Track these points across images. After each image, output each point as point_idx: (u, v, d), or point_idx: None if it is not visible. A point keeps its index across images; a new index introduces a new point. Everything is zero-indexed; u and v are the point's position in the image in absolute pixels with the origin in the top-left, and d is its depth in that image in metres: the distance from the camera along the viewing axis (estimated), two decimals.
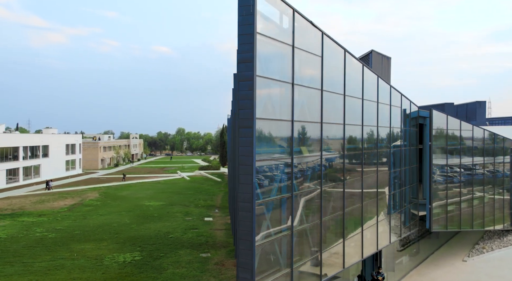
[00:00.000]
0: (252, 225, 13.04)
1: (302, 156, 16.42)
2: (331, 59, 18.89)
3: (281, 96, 15.15)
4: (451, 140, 32.37)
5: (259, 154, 13.79)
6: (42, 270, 29.66)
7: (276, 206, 15.06)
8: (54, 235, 39.77)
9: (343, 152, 19.63)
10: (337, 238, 19.55)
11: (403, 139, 28.38)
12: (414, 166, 30.75)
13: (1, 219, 47.41)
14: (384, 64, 34.40)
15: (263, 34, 13.64)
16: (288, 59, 15.12)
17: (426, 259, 34.04)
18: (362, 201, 21.78)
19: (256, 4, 12.88)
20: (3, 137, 78.70)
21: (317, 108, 17.29)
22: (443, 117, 31.14)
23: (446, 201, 31.52)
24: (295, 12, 15.17)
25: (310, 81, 17.01)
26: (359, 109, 21.42)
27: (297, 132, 16.17)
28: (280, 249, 15.23)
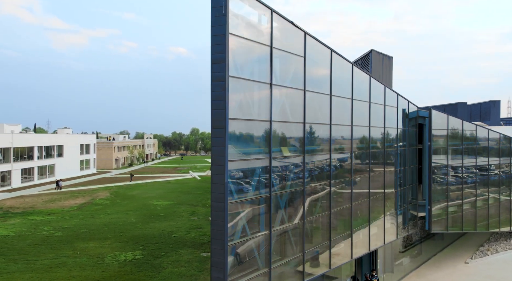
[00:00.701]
0: (224, 224, 13.14)
1: (282, 156, 16.44)
2: (317, 59, 18.88)
3: (259, 97, 15.20)
4: (453, 140, 31.91)
5: (236, 154, 13.89)
6: (44, 267, 30.25)
7: (254, 206, 15.12)
8: (60, 233, 40.49)
9: (330, 153, 19.58)
10: (323, 239, 19.50)
11: (400, 139, 28.10)
12: (414, 166, 30.42)
13: (12, 217, 48.48)
14: (385, 64, 34.12)
15: (238, 35, 13.73)
16: (266, 59, 15.16)
17: (427, 260, 33.66)
18: (351, 202, 21.67)
19: (228, 5, 12.97)
20: (18, 137, 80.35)
21: (300, 109, 17.29)
22: (443, 117, 30.73)
23: (447, 202, 31.10)
24: (273, 12, 15.20)
25: (292, 81, 17.02)
26: (348, 109, 21.31)
27: (280, 132, 16.22)
28: (259, 249, 15.29)
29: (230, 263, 13.66)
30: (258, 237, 15.20)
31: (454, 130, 31.83)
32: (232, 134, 13.82)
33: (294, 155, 17.32)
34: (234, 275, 13.84)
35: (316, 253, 19.00)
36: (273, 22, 15.52)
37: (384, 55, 34.13)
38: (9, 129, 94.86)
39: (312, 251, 18.57)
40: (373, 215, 24.82)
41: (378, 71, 33.12)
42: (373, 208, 24.97)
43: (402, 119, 28.44)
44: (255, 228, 15.39)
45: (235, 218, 14.04)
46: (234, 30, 13.60)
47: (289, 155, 16.91)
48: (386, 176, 26.36)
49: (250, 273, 14.73)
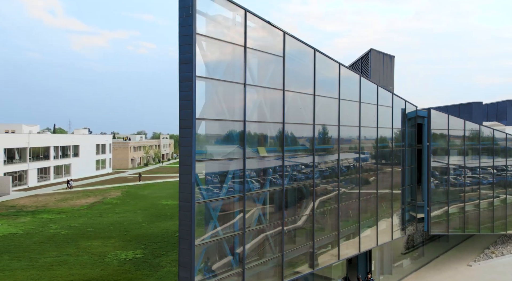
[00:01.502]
0: (191, 224, 13.20)
1: (258, 156, 16.43)
2: (300, 59, 18.79)
3: (233, 97, 15.22)
4: (455, 140, 31.35)
5: (207, 154, 13.97)
6: (45, 265, 30.84)
7: (227, 206, 15.14)
8: (66, 232, 41.21)
9: (313, 153, 19.43)
10: (307, 239, 19.39)
11: (396, 139, 27.71)
12: (412, 166, 29.96)
13: (23, 216, 49.57)
14: (386, 63, 33.71)
15: (207, 36, 13.79)
16: (240, 59, 15.16)
17: (429, 262, 33.10)
18: (338, 202, 21.47)
19: (195, 6, 13.02)
20: (34, 137, 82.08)
21: (279, 109, 17.23)
22: (443, 117, 30.19)
23: (447, 203, 30.54)
24: (247, 12, 15.19)
25: (270, 81, 16.99)
26: (335, 109, 21.12)
27: (257, 132, 16.22)
28: (232, 249, 15.31)
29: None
30: (232, 237, 15.22)
31: (456, 130, 31.24)
32: (205, 135, 13.91)
33: (272, 155, 17.27)
34: (206, 274, 13.91)
35: (299, 254, 18.91)
36: (247, 22, 15.52)
37: (385, 54, 33.71)
38: (28, 129, 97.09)
39: (294, 251, 18.49)
40: (365, 216, 24.57)
41: (378, 71, 32.74)
42: (366, 209, 24.72)
43: (401, 119, 28.06)
44: (230, 228, 15.42)
45: (207, 218, 14.10)
46: (203, 30, 13.68)
47: (265, 155, 16.87)
48: (380, 177, 26.06)
49: (223, 273, 14.77)
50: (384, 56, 33.58)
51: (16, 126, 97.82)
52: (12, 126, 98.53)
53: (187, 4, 13.08)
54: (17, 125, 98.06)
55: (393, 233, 26.71)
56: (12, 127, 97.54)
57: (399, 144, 28.17)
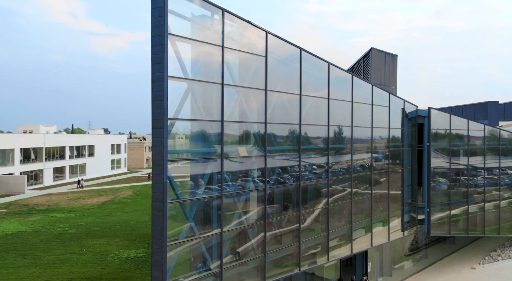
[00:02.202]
0: (163, 224, 13.25)
1: (237, 157, 16.40)
2: (285, 59, 18.69)
3: (211, 96, 15.23)
4: (457, 140, 30.77)
5: (180, 154, 14.02)
6: (48, 263, 31.38)
7: (204, 206, 15.17)
8: (73, 230, 41.88)
9: (299, 153, 19.28)
10: (293, 240, 19.27)
11: (394, 140, 27.32)
12: (412, 167, 29.48)
13: (34, 214, 50.56)
14: (388, 62, 33.28)
15: (182, 36, 13.83)
16: (218, 59, 15.15)
17: (431, 265, 32.54)
18: (328, 202, 21.26)
19: (167, 6, 13.07)
20: (50, 137, 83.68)
21: (261, 108, 17.16)
22: (445, 116, 29.64)
23: (449, 205, 29.97)
24: (224, 12, 15.18)
25: (252, 81, 16.94)
26: (324, 109, 20.91)
27: (237, 132, 16.21)
28: (210, 249, 15.33)
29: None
30: (209, 237, 15.24)
31: (459, 130, 30.66)
32: (183, 135, 13.96)
33: (254, 155, 17.21)
34: (181, 275, 13.96)
35: (285, 255, 18.82)
36: (229, 23, 15.54)
37: (387, 53, 33.26)
38: (45, 130, 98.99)
39: (278, 252, 18.40)
40: (359, 217, 24.31)
41: (379, 70, 32.34)
42: (361, 210, 24.46)
43: (401, 119, 27.66)
44: (208, 228, 15.45)
45: (182, 218, 14.14)
46: (178, 31, 13.72)
47: (246, 155, 16.83)
48: (377, 177, 25.75)
49: (200, 273, 14.80)
50: (386, 55, 33.14)
51: (34, 126, 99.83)
52: (30, 126, 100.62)
53: (159, 5, 13.14)
54: (35, 125, 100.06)
55: (390, 235, 26.33)
56: (30, 128, 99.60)
57: (398, 144, 27.77)
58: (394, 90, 34.01)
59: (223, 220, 15.53)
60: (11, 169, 72.19)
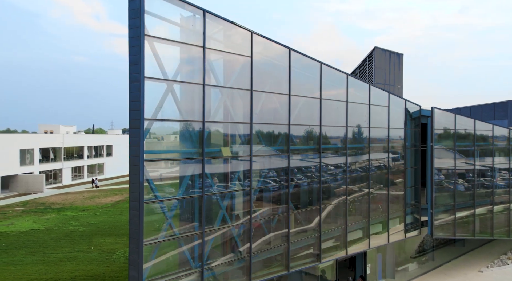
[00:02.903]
0: (139, 224, 13.40)
1: (220, 157, 16.46)
2: (274, 59, 18.64)
3: (193, 97, 15.32)
4: (462, 141, 30.13)
5: (160, 154, 14.17)
6: (55, 261, 32.06)
7: (184, 205, 15.27)
8: (84, 229, 42.64)
9: (288, 153, 19.19)
10: (282, 240, 19.20)
11: (392, 140, 26.95)
12: (416, 168, 28.96)
13: (49, 212, 51.70)
14: (393, 62, 32.80)
15: (160, 37, 13.96)
16: (199, 60, 15.23)
17: (437, 267, 31.93)
18: (320, 203, 21.09)
19: (143, 8, 13.22)
20: (69, 138, 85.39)
21: (247, 109, 17.16)
22: (449, 116, 29.03)
23: (454, 206, 29.34)
24: (205, 13, 15.23)
25: (236, 82, 16.97)
26: (317, 108, 20.72)
27: (221, 132, 16.27)
28: (191, 249, 15.42)
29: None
30: (192, 237, 15.35)
31: (464, 130, 30.01)
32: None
33: (239, 156, 17.24)
34: (161, 274, 14.11)
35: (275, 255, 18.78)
36: (209, 23, 15.60)
37: (392, 52, 32.78)
38: (65, 130, 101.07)
39: (267, 252, 18.37)
40: (356, 218, 24.08)
41: (383, 70, 31.90)
42: (358, 211, 24.22)
43: (404, 119, 27.22)
44: (183, 227, 15.60)
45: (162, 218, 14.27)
46: (156, 32, 13.84)
47: (230, 155, 16.86)
48: (375, 177, 25.45)
49: (180, 272, 14.93)
50: (391, 55, 32.65)
51: (54, 127, 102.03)
52: (51, 127, 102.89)
53: (135, 6, 13.29)
54: (55, 126, 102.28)
55: (389, 236, 25.94)
56: (51, 128, 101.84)
57: (399, 144, 27.35)
58: (400, 90, 33.53)
59: (220, 219, 15.62)
60: (31, 168, 73.87)
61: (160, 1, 14.31)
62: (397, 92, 32.92)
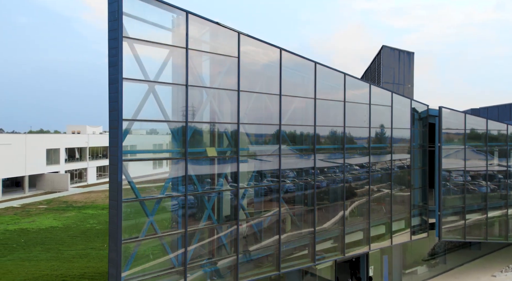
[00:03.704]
0: (118, 223, 13.68)
1: (204, 157, 16.62)
2: (262, 60, 18.68)
3: (177, 97, 15.51)
4: (473, 141, 29.30)
5: (139, 154, 14.42)
6: (68, 257, 32.97)
7: (165, 205, 15.46)
8: (100, 226, 43.63)
9: (280, 153, 19.10)
10: (273, 241, 19.17)
11: (397, 140, 26.51)
12: (422, 168, 28.32)
13: (70, 210, 53.15)
14: (403, 60, 32.19)
15: (140, 39, 14.20)
16: (182, 61, 15.40)
17: (448, 271, 31.09)
18: (314, 204, 20.88)
19: (121, 10, 13.48)
20: (94, 138, 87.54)
21: (234, 109, 17.23)
22: (459, 116, 28.25)
23: (464, 208, 28.54)
24: (188, 14, 15.37)
25: (223, 82, 17.07)
26: (311, 108, 20.56)
27: (206, 132, 16.43)
28: (173, 248, 15.63)
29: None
30: (173, 235, 15.55)
31: (475, 130, 29.19)
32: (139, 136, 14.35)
33: (224, 155, 17.33)
34: (140, 272, 14.36)
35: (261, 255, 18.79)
36: (195, 25, 15.78)
37: (402, 51, 32.14)
38: (91, 130, 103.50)
39: (258, 251, 18.41)
40: (357, 219, 23.79)
41: (392, 68, 31.34)
42: (359, 212, 23.91)
43: (410, 119, 26.70)
44: (175, 226, 15.77)
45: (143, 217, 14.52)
46: (135, 34, 14.15)
47: (215, 155, 16.98)
48: (377, 178, 25.06)
49: (160, 271, 15.16)
50: (401, 53, 32.04)
51: (81, 127, 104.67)
52: (78, 127, 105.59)
53: (113, 9, 13.55)
54: (82, 126, 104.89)
55: (392, 238, 25.47)
56: (78, 128, 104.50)
57: (405, 144, 26.84)
58: (411, 89, 32.88)
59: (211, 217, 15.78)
60: (57, 167, 76.03)
61: (142, 4, 14.54)
62: (407, 92, 32.30)
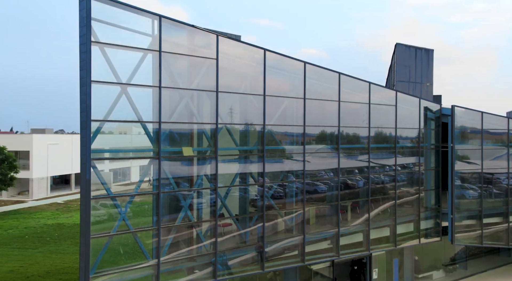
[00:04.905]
0: (87, 218, 14.45)
1: (178, 156, 17.21)
2: (247, 61, 18.98)
3: (151, 99, 16.13)
4: (493, 141, 27.94)
5: (114, 154, 15.17)
6: None
7: (139, 202, 16.07)
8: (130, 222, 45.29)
9: (263, 153, 19.20)
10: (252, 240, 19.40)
11: (407, 140, 25.73)
12: (435, 169, 27.30)
13: None
14: (421, 58, 31.12)
15: (110, 43, 14.91)
16: (155, 64, 15.96)
17: (467, 277, 29.78)
18: (303, 205, 20.76)
19: (89, 16, 14.28)
20: (137, 138, 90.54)
21: (213, 110, 17.59)
22: (476, 115, 26.96)
23: (481, 212, 27.23)
24: (161, 18, 15.90)
25: (201, 84, 17.51)
26: (300, 108, 20.46)
27: (184, 132, 16.98)
28: (148, 243, 16.24)
29: None
30: (145, 232, 16.17)
31: (493, 130, 27.82)
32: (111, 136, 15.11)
33: (201, 155, 17.75)
34: (112, 266, 15.11)
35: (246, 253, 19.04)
36: (171, 28, 16.28)
37: (419, 48, 31.04)
38: (137, 131, 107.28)
39: (239, 250, 18.70)
40: (350, 220, 23.48)
41: (407, 67, 30.36)
42: (358, 213, 23.55)
43: (417, 118, 25.92)
44: (149, 223, 16.44)
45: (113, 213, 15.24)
46: (109, 38, 14.84)
47: (191, 155, 17.42)
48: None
49: (132, 265, 15.85)
50: (417, 51, 30.97)
51: (127, 128, 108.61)
52: (124, 128, 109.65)
53: (83, 15, 14.31)
54: (128, 127, 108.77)
55: (396, 240, 24.75)
56: (124, 129, 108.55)
57: (414, 144, 26.05)
58: (430, 88, 31.70)
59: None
60: (101, 166, 79.37)
61: (115, 10, 15.21)
62: (426, 90, 31.22)
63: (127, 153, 17.17)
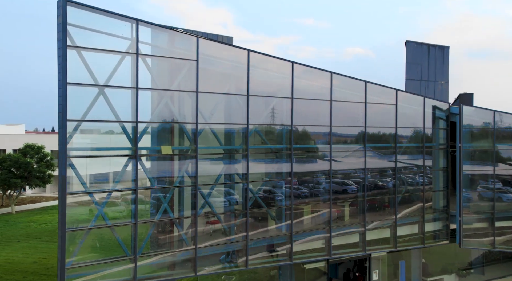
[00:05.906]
0: (63, 212, 15.32)
1: (153, 154, 17.84)
2: (230, 62, 19.36)
3: (131, 100, 16.83)
4: (504, 142, 26.67)
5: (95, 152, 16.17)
6: None
7: (116, 198, 16.84)
8: None
9: (247, 152, 19.45)
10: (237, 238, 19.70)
11: (412, 140, 25.11)
12: (442, 170, 26.40)
13: None
14: (434, 56, 30.14)
15: (86, 47, 15.74)
16: (133, 66, 16.62)
17: None
18: (291, 203, 20.80)
19: (65, 22, 15.12)
20: None
21: (193, 110, 18.07)
22: (487, 114, 25.82)
23: (493, 214, 26.07)
24: (139, 22, 16.53)
25: (181, 85, 18.03)
26: (287, 107, 20.56)
27: (161, 131, 17.66)
28: (126, 237, 16.95)
29: None
30: (125, 226, 16.90)
31: (507, 129, 26.56)
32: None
33: (181, 154, 18.25)
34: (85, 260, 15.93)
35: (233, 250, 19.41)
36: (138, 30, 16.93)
37: (432, 46, 30.00)
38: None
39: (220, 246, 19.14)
40: (354, 220, 23.22)
41: (418, 64, 29.44)
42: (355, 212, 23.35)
43: (425, 117, 25.27)
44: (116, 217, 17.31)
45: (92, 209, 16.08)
46: (86, 43, 15.70)
47: (170, 153, 17.96)
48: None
49: (112, 258, 16.63)
50: (431, 48, 29.96)
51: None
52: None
53: (60, 21, 15.18)
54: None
55: (396, 241, 24.20)
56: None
57: (418, 144, 25.40)
58: (445, 86, 30.62)
59: None
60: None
61: (94, 15, 16.00)
62: (440, 89, 30.21)
63: (105, 151, 17.65)
